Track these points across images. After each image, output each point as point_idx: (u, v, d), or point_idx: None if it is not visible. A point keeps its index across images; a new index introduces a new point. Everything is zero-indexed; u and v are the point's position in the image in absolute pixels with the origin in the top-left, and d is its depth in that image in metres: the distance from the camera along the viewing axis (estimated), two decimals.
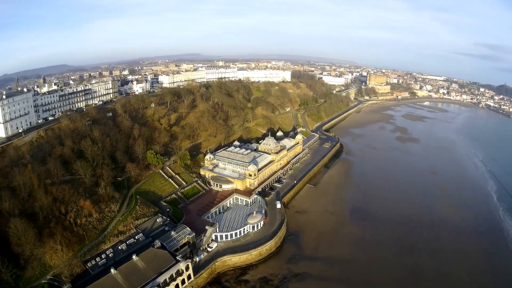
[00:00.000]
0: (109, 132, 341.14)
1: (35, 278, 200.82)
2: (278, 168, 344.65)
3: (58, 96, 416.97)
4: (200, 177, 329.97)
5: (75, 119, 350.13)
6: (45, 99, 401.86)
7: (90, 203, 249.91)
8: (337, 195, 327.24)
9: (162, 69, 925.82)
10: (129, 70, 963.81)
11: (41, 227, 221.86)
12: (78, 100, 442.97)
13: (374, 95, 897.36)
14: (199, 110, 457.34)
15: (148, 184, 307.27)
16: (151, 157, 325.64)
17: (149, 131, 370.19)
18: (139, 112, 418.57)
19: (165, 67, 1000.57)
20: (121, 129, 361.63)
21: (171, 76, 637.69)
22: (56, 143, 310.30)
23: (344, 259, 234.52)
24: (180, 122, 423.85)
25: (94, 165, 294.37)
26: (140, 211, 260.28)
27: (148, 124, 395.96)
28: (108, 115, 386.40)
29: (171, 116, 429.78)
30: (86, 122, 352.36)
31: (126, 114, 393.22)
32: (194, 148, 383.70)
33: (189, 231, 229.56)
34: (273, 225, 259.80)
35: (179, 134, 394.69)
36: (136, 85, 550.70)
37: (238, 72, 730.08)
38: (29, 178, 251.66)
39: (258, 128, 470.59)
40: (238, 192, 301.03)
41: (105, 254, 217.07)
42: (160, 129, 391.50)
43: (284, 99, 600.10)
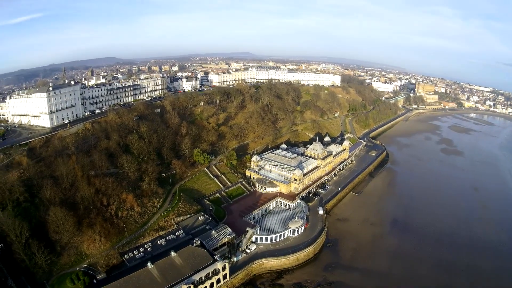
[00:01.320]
0: (156, 128, 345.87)
1: (69, 265, 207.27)
2: (323, 174, 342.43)
3: (106, 90, 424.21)
4: (245, 178, 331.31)
5: (122, 113, 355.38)
6: (92, 92, 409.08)
7: (132, 197, 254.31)
8: (379, 205, 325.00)
9: (212, 67, 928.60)
10: (178, 66, 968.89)
11: (81, 216, 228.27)
12: (127, 95, 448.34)
13: (422, 103, 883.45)
14: (248, 110, 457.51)
15: (192, 181, 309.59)
16: (198, 155, 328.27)
17: (197, 129, 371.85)
18: (187, 110, 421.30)
19: (215, 65, 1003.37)
20: (169, 126, 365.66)
21: (221, 75, 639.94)
22: (102, 136, 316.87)
23: (380, 271, 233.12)
24: (229, 122, 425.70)
25: (140, 160, 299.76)
26: (182, 208, 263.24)
27: (196, 122, 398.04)
28: (156, 111, 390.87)
29: (220, 115, 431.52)
30: (134, 117, 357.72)
31: (174, 111, 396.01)
32: (241, 148, 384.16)
33: (229, 231, 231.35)
34: (313, 231, 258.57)
35: (227, 134, 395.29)
36: (186, 82, 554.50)
37: (288, 74, 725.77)
38: (72, 168, 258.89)
39: (306, 132, 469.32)
40: (282, 196, 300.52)
41: (144, 248, 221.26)
42: (208, 128, 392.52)
43: (333, 104, 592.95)
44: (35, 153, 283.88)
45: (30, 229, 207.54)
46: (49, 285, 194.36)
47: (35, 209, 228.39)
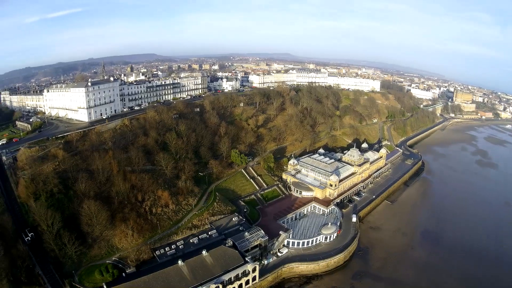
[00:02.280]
0: (195, 127, 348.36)
1: (99, 257, 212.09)
2: (359, 180, 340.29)
3: (146, 87, 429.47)
4: (282, 181, 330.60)
5: (161, 111, 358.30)
6: (132, 89, 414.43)
7: (168, 194, 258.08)
8: (412, 215, 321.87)
9: (253, 67, 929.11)
10: (219, 65, 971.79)
11: (114, 211, 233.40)
12: (166, 93, 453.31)
13: (459, 112, 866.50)
14: (288, 113, 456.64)
15: (229, 182, 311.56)
16: (235, 156, 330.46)
17: (235, 130, 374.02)
18: (227, 111, 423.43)
19: (256, 65, 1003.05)
20: (208, 125, 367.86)
21: (261, 77, 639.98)
22: (140, 133, 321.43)
23: (407, 283, 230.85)
24: (268, 124, 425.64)
25: (177, 158, 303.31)
26: (217, 208, 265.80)
27: (236, 123, 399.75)
28: (196, 110, 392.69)
29: (259, 117, 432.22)
30: (173, 115, 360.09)
31: (214, 111, 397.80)
32: (278, 151, 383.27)
33: (262, 233, 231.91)
34: (345, 238, 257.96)
35: (266, 136, 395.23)
36: (226, 82, 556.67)
37: (328, 78, 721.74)
38: (109, 163, 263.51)
39: (344, 137, 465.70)
40: (317, 201, 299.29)
41: (176, 245, 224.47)
42: (247, 129, 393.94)
43: (372, 110, 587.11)
44: (72, 147, 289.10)
45: (62, 220, 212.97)
46: (77, 275, 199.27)
47: (69, 201, 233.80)
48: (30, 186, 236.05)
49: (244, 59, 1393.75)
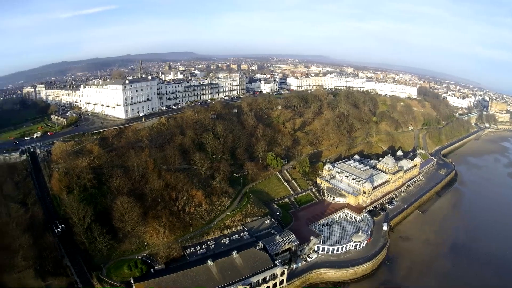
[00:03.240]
0: (232, 128, 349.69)
1: (129, 252, 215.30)
2: (392, 189, 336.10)
3: (184, 86, 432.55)
4: (316, 185, 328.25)
5: (199, 111, 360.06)
6: (170, 87, 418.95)
7: (202, 194, 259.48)
8: (442, 226, 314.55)
9: (291, 69, 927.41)
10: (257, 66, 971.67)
11: (147, 208, 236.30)
12: (204, 93, 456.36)
13: (494, 122, 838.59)
14: (325, 118, 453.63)
15: (263, 184, 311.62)
16: (271, 159, 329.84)
17: (272, 132, 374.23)
18: (264, 113, 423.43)
19: (294, 67, 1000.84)
20: (245, 127, 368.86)
21: (299, 80, 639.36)
22: (177, 132, 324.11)
23: None
24: (305, 127, 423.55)
25: (213, 159, 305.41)
26: (250, 210, 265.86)
27: (273, 125, 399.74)
28: (233, 111, 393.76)
29: (296, 120, 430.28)
30: (210, 115, 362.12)
31: (251, 112, 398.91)
32: (314, 155, 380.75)
33: (293, 238, 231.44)
34: (374, 247, 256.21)
35: (302, 140, 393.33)
36: (264, 84, 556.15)
37: (366, 82, 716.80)
38: (144, 161, 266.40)
39: (380, 144, 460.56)
40: (350, 208, 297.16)
41: (206, 244, 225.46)
42: (284, 132, 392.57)
43: (408, 117, 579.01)
44: (107, 143, 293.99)
45: (94, 214, 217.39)
46: (106, 269, 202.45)
47: (102, 196, 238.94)
48: (64, 179, 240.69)
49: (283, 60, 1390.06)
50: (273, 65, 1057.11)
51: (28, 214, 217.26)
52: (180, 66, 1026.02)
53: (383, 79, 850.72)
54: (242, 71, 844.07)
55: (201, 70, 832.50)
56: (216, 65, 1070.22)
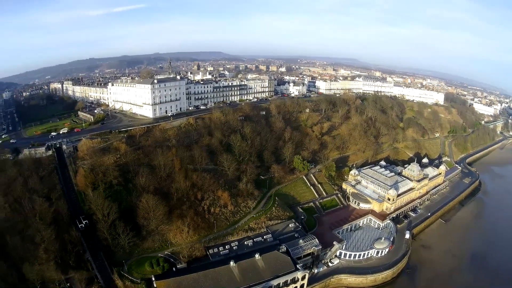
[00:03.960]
0: (260, 130, 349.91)
1: (152, 250, 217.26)
2: (416, 196, 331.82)
3: (212, 87, 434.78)
4: (341, 190, 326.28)
5: (227, 112, 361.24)
6: (198, 88, 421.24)
7: (228, 195, 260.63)
8: (464, 236, 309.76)
9: (320, 71, 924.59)
10: (286, 67, 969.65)
11: (172, 207, 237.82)
12: (233, 94, 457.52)
13: None
14: (352, 122, 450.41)
15: (289, 188, 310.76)
16: (298, 162, 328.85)
17: (300, 136, 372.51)
18: (292, 116, 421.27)
19: (323, 70, 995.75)
20: (273, 129, 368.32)
21: (328, 83, 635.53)
22: (205, 132, 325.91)
23: None
24: (332, 132, 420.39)
25: (240, 160, 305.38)
26: (275, 213, 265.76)
27: (300, 129, 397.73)
28: (262, 113, 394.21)
29: (324, 124, 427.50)
30: (239, 117, 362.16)
31: (279, 115, 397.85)
32: (340, 160, 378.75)
33: (316, 242, 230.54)
34: (396, 254, 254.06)
35: (329, 144, 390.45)
36: (293, 87, 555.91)
37: (393, 87, 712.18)
38: (171, 160, 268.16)
39: (406, 150, 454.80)
40: (373, 214, 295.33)
41: (230, 245, 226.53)
42: (311, 135, 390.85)
43: (435, 124, 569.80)
44: (135, 141, 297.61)
45: (118, 211, 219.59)
46: (127, 265, 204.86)
47: (127, 194, 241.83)
48: (89, 176, 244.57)
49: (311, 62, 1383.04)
50: (302, 67, 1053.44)
51: (52, 208, 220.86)
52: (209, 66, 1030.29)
53: (411, 84, 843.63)
54: (271, 73, 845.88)
55: (230, 70, 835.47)
56: (245, 66, 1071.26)
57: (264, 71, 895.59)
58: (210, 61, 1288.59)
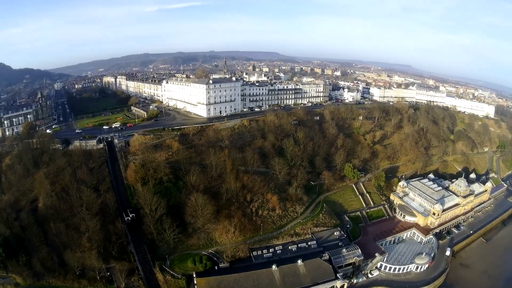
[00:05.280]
0: (313, 136, 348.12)
1: (196, 247, 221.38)
2: (460, 212, 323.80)
3: (267, 90, 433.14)
4: (388, 201, 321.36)
5: (281, 116, 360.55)
6: (253, 90, 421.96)
7: (276, 199, 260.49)
8: (502, 258, 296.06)
9: (374, 77, 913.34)
10: (341, 71, 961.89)
11: (221, 207, 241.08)
12: (287, 97, 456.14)
13: None
14: (404, 132, 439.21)
15: (338, 195, 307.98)
16: (348, 170, 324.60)
17: (352, 143, 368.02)
18: (346, 122, 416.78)
19: (377, 75, 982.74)
20: (325, 135, 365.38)
21: (382, 90, 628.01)
22: (258, 135, 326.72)
23: None
24: (384, 140, 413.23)
25: (291, 164, 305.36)
26: (321, 220, 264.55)
27: (353, 136, 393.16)
28: (315, 118, 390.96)
29: (376, 133, 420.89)
30: (292, 121, 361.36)
31: (333, 121, 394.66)
32: (390, 170, 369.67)
33: (359, 253, 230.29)
34: (435, 271, 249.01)
35: (380, 153, 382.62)
36: (347, 93, 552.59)
37: (446, 98, 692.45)
38: (223, 160, 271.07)
39: (454, 164, 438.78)
40: (418, 228, 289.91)
41: (274, 249, 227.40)
42: (363, 144, 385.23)
43: (484, 138, 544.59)
44: (187, 140, 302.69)
45: (166, 207, 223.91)
46: (169, 260, 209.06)
47: (177, 191, 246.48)
48: (140, 171, 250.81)
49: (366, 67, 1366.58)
50: (357, 72, 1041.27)
51: (99, 199, 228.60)
52: (264, 66, 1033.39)
53: (463, 95, 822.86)
54: (326, 76, 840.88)
55: (285, 72, 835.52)
56: (300, 68, 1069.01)
57: (319, 75, 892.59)
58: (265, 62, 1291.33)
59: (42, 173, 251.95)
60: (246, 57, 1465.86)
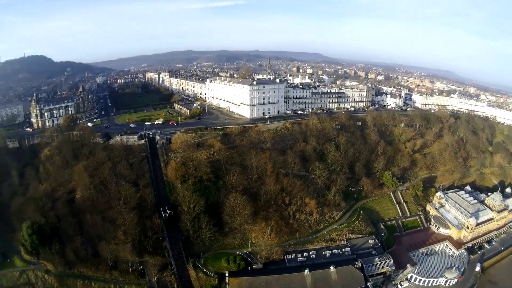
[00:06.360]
0: (354, 141, 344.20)
1: (231, 246, 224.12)
2: (494, 227, 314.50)
3: (311, 93, 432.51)
4: (424, 212, 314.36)
5: (324, 120, 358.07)
6: (297, 92, 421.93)
7: (314, 203, 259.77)
8: None
9: (417, 83, 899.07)
10: (384, 75, 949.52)
11: (258, 208, 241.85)
12: (330, 101, 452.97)
13: None
14: (444, 141, 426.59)
15: (375, 203, 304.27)
16: (387, 178, 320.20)
17: (392, 151, 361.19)
18: (387, 129, 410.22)
19: (420, 81, 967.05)
20: (367, 141, 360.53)
21: (424, 97, 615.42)
22: (300, 138, 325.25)
23: None
24: (424, 149, 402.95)
25: (331, 170, 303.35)
26: (357, 227, 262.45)
27: (394, 144, 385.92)
28: (357, 124, 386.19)
29: (417, 141, 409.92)
30: (335, 125, 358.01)
31: (375, 127, 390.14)
32: (428, 180, 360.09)
33: (391, 262, 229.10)
34: (463, 286, 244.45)
35: (419, 162, 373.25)
36: (390, 99, 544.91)
37: (486, 107, 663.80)
38: (264, 162, 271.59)
39: (491, 177, 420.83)
40: (451, 241, 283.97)
41: (308, 253, 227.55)
42: (403, 152, 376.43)
43: None
44: (229, 140, 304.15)
45: (204, 206, 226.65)
46: (203, 258, 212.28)
47: (216, 190, 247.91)
48: (180, 168, 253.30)
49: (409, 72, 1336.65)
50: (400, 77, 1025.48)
51: (138, 194, 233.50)
52: (308, 68, 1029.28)
53: (503, 104, 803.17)
54: (369, 80, 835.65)
55: (329, 74, 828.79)
56: (344, 71, 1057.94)
57: (362, 78, 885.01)
58: (309, 63, 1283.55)
59: (81, 165, 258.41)
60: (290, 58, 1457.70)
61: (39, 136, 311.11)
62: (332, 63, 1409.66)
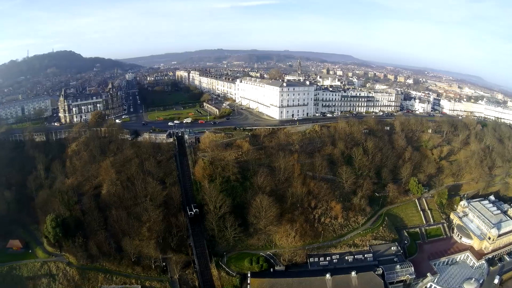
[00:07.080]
0: (382, 146, 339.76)
1: (255, 247, 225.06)
2: None
3: (340, 96, 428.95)
4: (448, 220, 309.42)
5: (352, 124, 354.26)
6: (326, 95, 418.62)
7: (340, 208, 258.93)
8: None
9: (445, 87, 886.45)
10: (413, 79, 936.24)
11: (284, 210, 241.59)
12: (359, 105, 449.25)
13: None
14: (471, 149, 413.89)
15: (400, 209, 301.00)
16: (413, 185, 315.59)
17: (419, 157, 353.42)
18: (415, 135, 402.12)
19: (448, 86, 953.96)
20: (394, 147, 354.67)
21: (452, 103, 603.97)
22: (328, 141, 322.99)
23: None
24: (450, 156, 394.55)
25: (358, 174, 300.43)
26: (381, 233, 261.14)
27: (421, 150, 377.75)
28: (386, 128, 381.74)
29: (444, 148, 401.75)
30: (363, 129, 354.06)
31: (403, 133, 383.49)
32: (453, 188, 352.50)
33: (412, 271, 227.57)
34: None
35: (445, 169, 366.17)
36: (418, 104, 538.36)
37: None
38: (292, 164, 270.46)
39: None
40: (472, 251, 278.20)
41: (330, 257, 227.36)
42: (430, 158, 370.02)
43: None
44: (258, 141, 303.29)
45: (231, 206, 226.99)
46: (227, 257, 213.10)
47: (243, 191, 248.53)
48: (208, 168, 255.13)
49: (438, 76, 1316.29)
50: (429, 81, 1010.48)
51: (164, 192, 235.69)
52: (338, 69, 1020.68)
53: None
54: (398, 84, 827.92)
55: (359, 76, 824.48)
56: (374, 73, 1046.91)
57: (392, 81, 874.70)
58: (339, 64, 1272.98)
59: (108, 161, 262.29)
60: (320, 59, 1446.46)
61: (67, 131, 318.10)
62: (362, 65, 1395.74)
